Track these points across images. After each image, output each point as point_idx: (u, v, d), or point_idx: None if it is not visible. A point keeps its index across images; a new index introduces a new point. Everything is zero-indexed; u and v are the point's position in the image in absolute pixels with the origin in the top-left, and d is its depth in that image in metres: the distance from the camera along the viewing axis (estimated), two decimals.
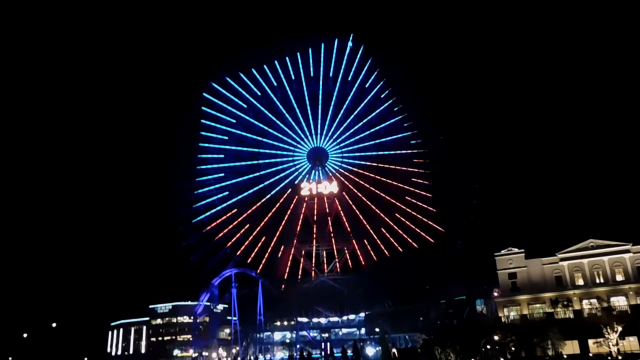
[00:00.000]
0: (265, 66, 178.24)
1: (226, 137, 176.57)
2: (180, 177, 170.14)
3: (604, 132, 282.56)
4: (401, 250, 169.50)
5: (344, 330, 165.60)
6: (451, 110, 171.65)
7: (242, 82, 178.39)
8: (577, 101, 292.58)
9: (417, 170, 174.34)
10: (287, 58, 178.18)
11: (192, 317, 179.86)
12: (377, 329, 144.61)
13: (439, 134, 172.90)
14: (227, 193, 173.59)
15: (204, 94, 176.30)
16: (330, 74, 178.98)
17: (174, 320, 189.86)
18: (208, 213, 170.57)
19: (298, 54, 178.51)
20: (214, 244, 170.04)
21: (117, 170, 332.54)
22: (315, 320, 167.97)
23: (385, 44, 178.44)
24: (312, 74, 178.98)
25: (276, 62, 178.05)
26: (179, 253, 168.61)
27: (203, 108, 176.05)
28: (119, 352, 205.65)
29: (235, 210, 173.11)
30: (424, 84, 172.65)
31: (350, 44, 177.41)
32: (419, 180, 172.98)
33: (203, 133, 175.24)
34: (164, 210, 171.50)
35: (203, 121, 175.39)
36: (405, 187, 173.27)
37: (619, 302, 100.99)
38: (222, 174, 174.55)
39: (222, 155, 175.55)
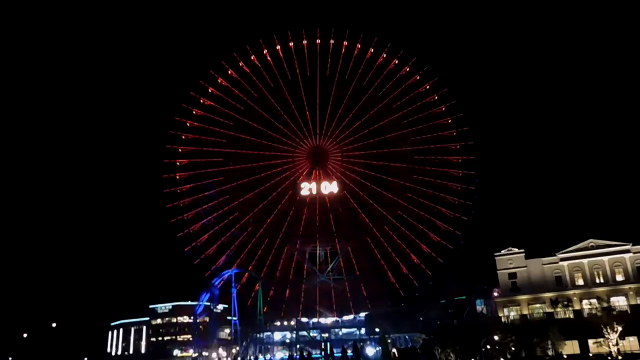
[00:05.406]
0: (262, 67, 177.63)
1: (225, 140, 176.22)
2: (182, 179, 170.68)
3: (604, 132, 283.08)
4: (404, 248, 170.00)
5: (344, 330, 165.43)
6: (451, 108, 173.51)
7: (240, 84, 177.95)
8: (578, 101, 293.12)
9: (418, 167, 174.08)
10: (284, 58, 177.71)
11: (192, 317, 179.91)
12: (377, 329, 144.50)
13: (438, 131, 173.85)
14: (227, 196, 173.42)
15: (202, 96, 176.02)
16: (328, 73, 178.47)
17: (174, 320, 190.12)
18: (210, 217, 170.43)
19: (295, 53, 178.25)
20: (215, 245, 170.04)
21: (117, 170, 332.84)
22: (315, 320, 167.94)
23: (383, 41, 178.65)
24: (308, 74, 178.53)
25: (273, 62, 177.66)
26: (179, 254, 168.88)
27: (202, 111, 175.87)
28: (119, 352, 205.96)
29: (237, 213, 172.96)
30: (421, 81, 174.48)
31: (346, 42, 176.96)
32: (420, 177, 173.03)
33: (202, 136, 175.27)
34: (164, 211, 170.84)
35: (202, 124, 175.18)
36: (407, 184, 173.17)
37: (619, 302, 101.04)
38: (223, 177, 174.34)
39: (222, 159, 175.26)
